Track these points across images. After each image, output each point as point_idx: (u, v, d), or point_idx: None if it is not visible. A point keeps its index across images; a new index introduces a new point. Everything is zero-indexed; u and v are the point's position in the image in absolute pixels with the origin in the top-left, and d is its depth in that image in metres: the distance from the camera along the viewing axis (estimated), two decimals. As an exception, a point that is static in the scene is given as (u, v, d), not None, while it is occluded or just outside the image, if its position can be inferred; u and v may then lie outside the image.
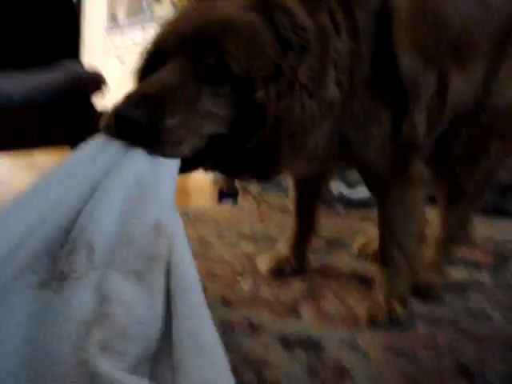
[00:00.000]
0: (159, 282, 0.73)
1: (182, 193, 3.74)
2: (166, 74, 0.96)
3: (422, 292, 1.50)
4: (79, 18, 1.57)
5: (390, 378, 1.11)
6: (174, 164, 0.89)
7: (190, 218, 2.56)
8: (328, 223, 2.28)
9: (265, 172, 1.11)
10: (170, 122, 0.90)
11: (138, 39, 5.87)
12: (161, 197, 0.81)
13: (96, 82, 1.47)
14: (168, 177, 0.86)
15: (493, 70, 1.41)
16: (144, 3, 6.15)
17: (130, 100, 0.90)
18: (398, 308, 1.36)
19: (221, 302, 1.47)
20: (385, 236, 1.38)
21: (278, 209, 2.88)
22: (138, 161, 0.84)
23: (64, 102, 1.42)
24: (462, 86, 1.36)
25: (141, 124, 0.86)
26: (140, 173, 0.83)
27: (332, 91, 1.11)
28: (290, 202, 1.70)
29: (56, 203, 0.77)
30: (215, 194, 2.99)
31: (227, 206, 2.97)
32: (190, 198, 3.57)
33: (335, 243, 2.07)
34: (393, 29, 1.20)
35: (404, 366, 1.17)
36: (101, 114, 1.52)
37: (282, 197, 3.13)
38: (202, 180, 3.84)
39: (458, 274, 1.73)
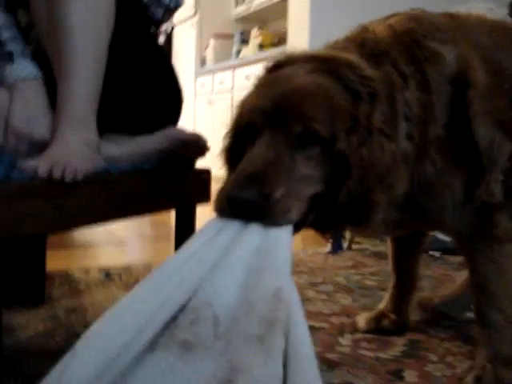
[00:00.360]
0: (279, 345, 0.76)
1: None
2: (261, 150, 1.03)
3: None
4: (180, 86, 1.65)
5: None
6: (287, 231, 0.96)
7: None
8: (424, 270, 2.22)
9: (361, 218, 1.13)
10: (278, 194, 0.97)
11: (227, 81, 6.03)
12: (278, 264, 0.86)
13: (199, 146, 1.53)
14: (283, 244, 0.92)
15: None
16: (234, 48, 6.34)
17: (239, 182, 0.98)
18: (504, 371, 1.31)
19: (321, 362, 1.46)
20: (480, 298, 1.34)
21: (371, 254, 2.85)
22: (254, 234, 0.91)
23: (169, 167, 1.48)
24: None
25: (253, 202, 0.93)
26: (257, 244, 0.89)
27: (404, 144, 1.15)
28: (386, 249, 1.68)
29: (178, 284, 0.82)
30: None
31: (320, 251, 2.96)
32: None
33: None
34: (470, 98, 1.21)
35: None
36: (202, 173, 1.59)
37: (374, 241, 3.10)
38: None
39: None
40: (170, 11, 1.63)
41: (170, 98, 1.58)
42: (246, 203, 0.93)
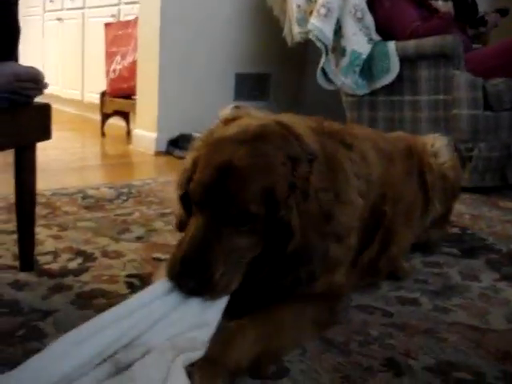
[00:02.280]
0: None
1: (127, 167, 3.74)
2: (200, 231, 1.17)
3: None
4: (16, 15, 1.55)
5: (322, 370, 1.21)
6: (224, 299, 1.20)
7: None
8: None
9: (310, 275, 1.29)
10: (218, 275, 1.14)
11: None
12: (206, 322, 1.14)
13: (37, 82, 1.47)
14: (217, 308, 1.18)
15: None
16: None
17: (181, 270, 1.15)
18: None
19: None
20: None
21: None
22: (196, 302, 1.16)
23: (5, 104, 1.42)
24: None
25: (195, 289, 1.14)
26: (196, 310, 1.15)
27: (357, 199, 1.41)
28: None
29: (117, 337, 1.05)
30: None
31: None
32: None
33: None
34: None
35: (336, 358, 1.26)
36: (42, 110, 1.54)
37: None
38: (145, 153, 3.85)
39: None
40: None
41: (2, 32, 1.48)
42: (190, 290, 1.14)
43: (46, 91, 1.54)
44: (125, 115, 4.57)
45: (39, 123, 1.54)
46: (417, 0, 3.61)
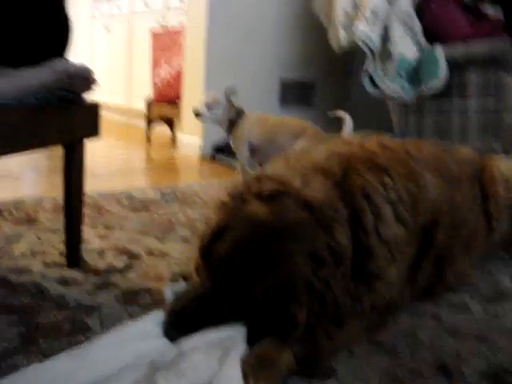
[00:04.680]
0: None
1: (172, 171, 3.77)
2: (202, 297, 1.13)
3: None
4: (67, 15, 1.57)
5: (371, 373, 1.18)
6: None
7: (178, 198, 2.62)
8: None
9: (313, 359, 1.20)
10: None
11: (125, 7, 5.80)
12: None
13: (86, 79, 1.48)
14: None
15: None
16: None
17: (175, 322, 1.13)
18: None
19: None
20: None
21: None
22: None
23: (55, 101, 1.43)
24: None
25: None
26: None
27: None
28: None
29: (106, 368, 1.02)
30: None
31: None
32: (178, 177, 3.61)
33: None
34: None
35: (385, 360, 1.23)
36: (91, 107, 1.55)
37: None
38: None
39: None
40: None
41: (54, 29, 1.51)
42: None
43: (93, 97, 1.56)
44: (170, 121, 4.62)
45: (88, 120, 1.56)
46: (465, 5, 3.54)
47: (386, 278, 1.27)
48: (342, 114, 2.92)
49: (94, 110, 1.57)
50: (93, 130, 1.58)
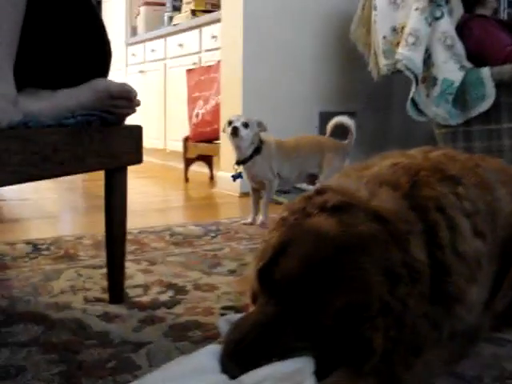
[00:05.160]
0: None
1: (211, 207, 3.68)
2: (265, 328, 0.98)
3: None
4: (107, 38, 1.50)
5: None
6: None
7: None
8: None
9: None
10: None
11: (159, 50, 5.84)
12: None
13: (129, 99, 1.40)
14: None
15: None
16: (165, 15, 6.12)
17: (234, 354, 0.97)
18: None
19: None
20: None
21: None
22: None
23: (96, 123, 1.36)
24: None
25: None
26: None
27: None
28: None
29: None
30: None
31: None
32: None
33: None
34: None
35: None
36: (133, 130, 1.47)
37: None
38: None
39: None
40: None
41: (95, 50, 1.43)
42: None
43: None
44: (208, 160, 4.54)
45: (131, 144, 1.46)
46: (507, 24, 3.44)
47: (466, 301, 1.11)
48: (345, 120, 3.10)
49: (136, 133, 1.48)
50: (136, 155, 1.49)
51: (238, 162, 2.88)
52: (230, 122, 2.84)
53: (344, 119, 3.09)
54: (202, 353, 1.01)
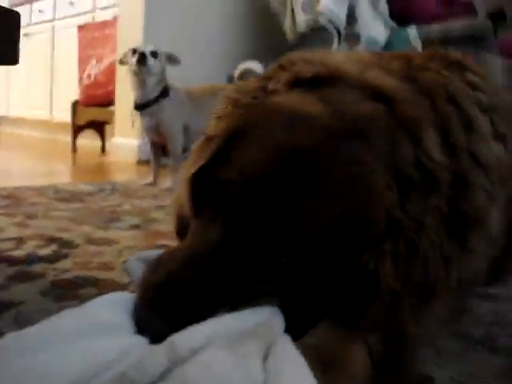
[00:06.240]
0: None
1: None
2: (208, 248, 0.63)
3: None
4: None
5: None
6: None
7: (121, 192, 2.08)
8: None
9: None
10: None
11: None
12: None
13: None
14: None
15: None
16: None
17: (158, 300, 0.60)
18: None
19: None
20: None
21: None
22: None
23: None
24: None
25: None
26: None
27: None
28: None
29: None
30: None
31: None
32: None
33: None
34: None
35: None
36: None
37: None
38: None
39: None
40: None
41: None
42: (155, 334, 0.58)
43: (12, 114, 1.05)
44: (99, 127, 4.02)
45: None
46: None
47: (486, 226, 0.78)
48: (254, 65, 2.77)
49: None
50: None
51: (139, 106, 2.38)
52: (134, 51, 2.36)
53: (252, 65, 2.73)
54: (96, 303, 0.62)
